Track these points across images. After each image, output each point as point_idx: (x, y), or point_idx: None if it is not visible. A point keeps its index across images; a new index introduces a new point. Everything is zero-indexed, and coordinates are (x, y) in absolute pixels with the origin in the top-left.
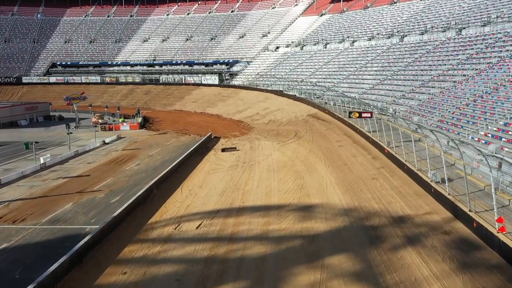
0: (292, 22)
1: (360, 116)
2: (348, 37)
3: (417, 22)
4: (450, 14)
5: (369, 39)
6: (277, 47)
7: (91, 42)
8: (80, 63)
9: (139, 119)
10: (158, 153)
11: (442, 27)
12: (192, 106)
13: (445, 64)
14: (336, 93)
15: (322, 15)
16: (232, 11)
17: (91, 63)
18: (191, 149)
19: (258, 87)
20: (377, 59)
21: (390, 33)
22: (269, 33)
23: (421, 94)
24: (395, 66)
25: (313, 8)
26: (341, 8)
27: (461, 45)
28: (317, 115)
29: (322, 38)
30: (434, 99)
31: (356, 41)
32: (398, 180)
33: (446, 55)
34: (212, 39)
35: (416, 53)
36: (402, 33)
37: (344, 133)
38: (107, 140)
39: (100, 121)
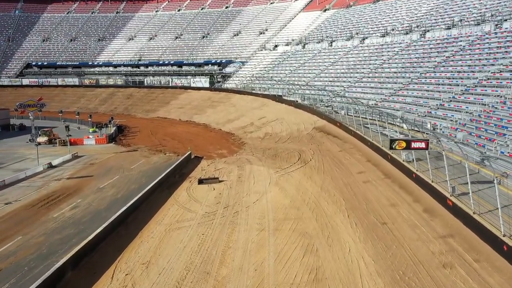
0: (292, 19)
1: (408, 148)
2: (357, 33)
3: (441, 15)
4: (482, 5)
5: (383, 36)
6: (276, 46)
7: (71, 40)
8: (57, 63)
9: (111, 130)
10: (113, 184)
11: (475, 20)
12: (178, 113)
13: (493, 64)
14: (347, 100)
15: (325, 10)
16: (227, 7)
17: (70, 63)
18: (159, 178)
19: (253, 91)
20: (395, 59)
21: (407, 28)
22: (266, 30)
23: (469, 103)
24: (421, 67)
25: (315, 3)
26: (347, 3)
27: (508, 40)
28: (326, 129)
29: (327, 35)
30: (495, 112)
31: (367, 38)
32: (496, 274)
33: (490, 53)
34: (204, 37)
35: (446, 51)
36: (424, 28)
37: (367, 158)
38: (56, 162)
39: (42, 141)
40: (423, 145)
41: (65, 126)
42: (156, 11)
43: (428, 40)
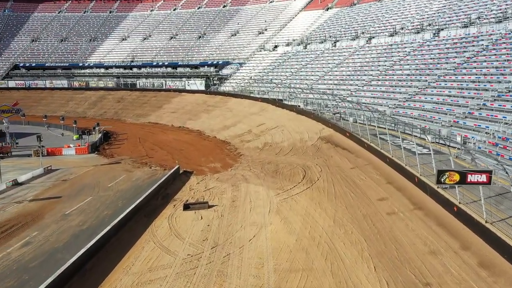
0: (293, 18)
1: (463, 182)
2: (363, 33)
3: (455, 13)
4: (501, 1)
5: (391, 35)
6: (276, 46)
7: (62, 41)
8: (46, 64)
9: (96, 138)
10: (82, 209)
11: (496, 17)
12: (170, 118)
13: None
14: (355, 105)
15: (328, 9)
16: (224, 6)
17: (59, 64)
18: (138, 201)
19: (251, 95)
20: (408, 60)
21: (418, 27)
22: (266, 30)
23: (506, 112)
24: (438, 69)
25: (316, 1)
26: (351, 1)
27: None
28: (333, 139)
29: (330, 35)
30: None
31: (373, 37)
32: None
33: None
34: (200, 37)
35: (466, 51)
36: (437, 27)
37: (387, 179)
38: (23, 178)
39: None
40: (483, 178)
41: (37, 136)
42: (151, 11)
43: (444, 40)
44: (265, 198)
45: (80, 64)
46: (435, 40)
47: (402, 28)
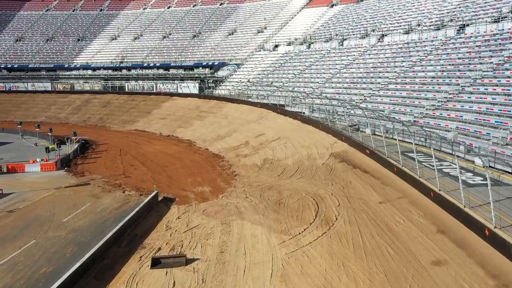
0: (295, 15)
1: None
2: (373, 30)
3: (481, 7)
4: None
5: (406, 32)
6: (276, 46)
7: (48, 40)
8: (29, 66)
9: (70, 149)
10: (16, 261)
11: None
12: (159, 125)
13: None
14: (371, 113)
15: (332, 5)
16: (221, 4)
17: (44, 66)
18: (92, 251)
19: (249, 100)
20: (430, 60)
21: (438, 23)
22: (265, 28)
23: None
24: (471, 70)
25: None
26: None
27: None
28: (349, 157)
29: (337, 33)
30: None
31: (386, 35)
32: None
33: None
34: (195, 36)
35: (504, 49)
36: (461, 22)
37: (437, 226)
38: None
39: None
40: None
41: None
42: (144, 9)
43: (472, 36)
44: (266, 248)
45: (66, 65)
46: (461, 37)
47: (418, 25)
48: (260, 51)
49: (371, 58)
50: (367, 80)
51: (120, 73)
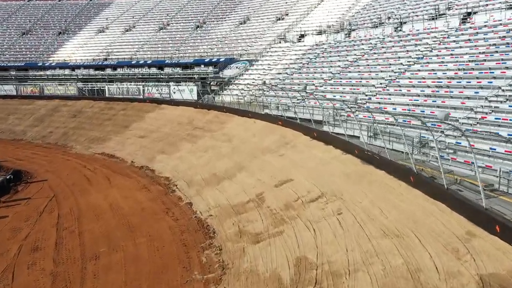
0: None
1: None
2: (448, 9)
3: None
4: None
5: (510, 8)
6: (302, 35)
7: (24, 34)
8: None
9: None
10: None
11: None
12: (135, 147)
13: None
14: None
15: None
16: None
17: (13, 64)
18: None
19: (265, 111)
20: None
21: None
22: (287, 14)
23: None
24: None
25: None
26: None
27: None
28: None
29: (389, 16)
30: None
31: (475, 13)
32: None
33: None
34: (198, 27)
35: None
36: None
37: None
38: None
39: None
40: None
41: None
42: None
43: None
44: None
45: (40, 64)
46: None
47: None
48: (280, 42)
49: (459, 46)
50: (469, 77)
51: (102, 73)
